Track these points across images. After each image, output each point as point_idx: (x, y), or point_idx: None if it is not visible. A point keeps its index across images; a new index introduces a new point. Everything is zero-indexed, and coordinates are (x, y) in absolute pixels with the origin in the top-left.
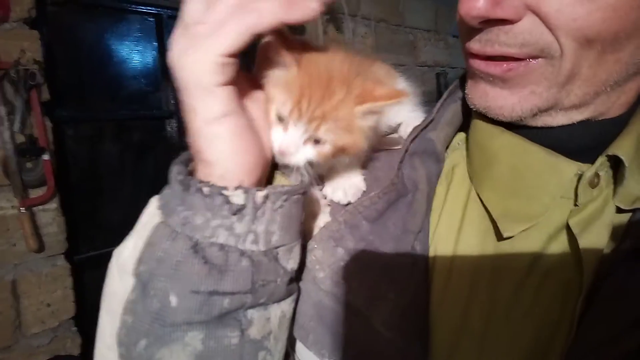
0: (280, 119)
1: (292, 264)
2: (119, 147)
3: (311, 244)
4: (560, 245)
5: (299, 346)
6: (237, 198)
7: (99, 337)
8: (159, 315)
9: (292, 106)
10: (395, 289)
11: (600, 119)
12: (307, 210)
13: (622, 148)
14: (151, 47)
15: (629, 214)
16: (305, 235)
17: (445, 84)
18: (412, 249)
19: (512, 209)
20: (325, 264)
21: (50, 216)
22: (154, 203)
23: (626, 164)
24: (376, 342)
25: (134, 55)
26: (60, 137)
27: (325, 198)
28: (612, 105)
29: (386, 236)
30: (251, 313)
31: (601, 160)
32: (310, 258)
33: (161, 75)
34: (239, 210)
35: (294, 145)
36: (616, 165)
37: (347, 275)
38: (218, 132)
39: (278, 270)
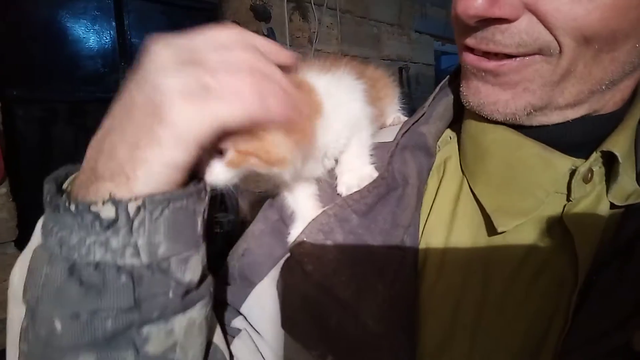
0: None
1: (189, 275)
2: (73, 129)
3: (300, 237)
4: (553, 240)
5: (286, 339)
6: (107, 212)
7: None
8: (48, 342)
9: None
10: (383, 282)
11: (594, 115)
12: None
13: (616, 144)
14: (109, 26)
15: (622, 210)
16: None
17: (407, 78)
18: (401, 242)
19: (506, 204)
20: (314, 256)
21: None
22: (39, 223)
23: (620, 160)
24: (364, 334)
25: (91, 34)
26: (9, 118)
27: (340, 195)
28: (606, 103)
29: (376, 230)
30: (147, 329)
31: (595, 156)
32: (299, 250)
33: (119, 57)
34: (111, 225)
35: (208, 163)
36: (610, 161)
37: (335, 269)
38: (165, 177)
39: (168, 282)
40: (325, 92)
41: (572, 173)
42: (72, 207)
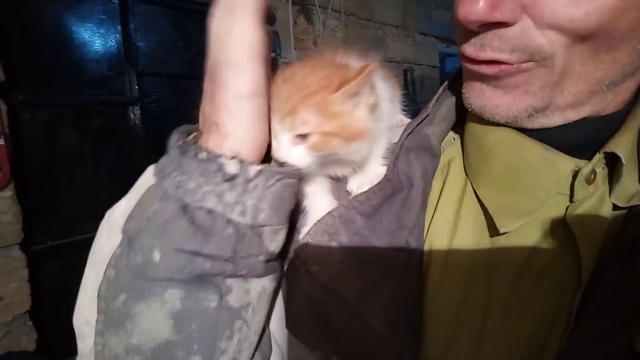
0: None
1: (274, 246)
2: (79, 133)
3: (305, 238)
4: (556, 241)
5: (290, 339)
6: (231, 167)
7: (81, 292)
8: (141, 269)
9: (272, 113)
10: (389, 283)
11: (596, 116)
12: None
13: (619, 145)
14: (115, 30)
15: (625, 211)
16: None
17: (412, 81)
18: (406, 244)
19: (509, 205)
20: (319, 257)
21: (5, 204)
22: (150, 170)
23: (623, 162)
24: (369, 336)
25: (97, 38)
26: (15, 122)
27: (349, 193)
28: (608, 104)
29: (381, 231)
30: (230, 282)
31: (598, 157)
32: (304, 252)
33: (125, 60)
34: (231, 179)
35: (284, 148)
36: (612, 162)
37: (340, 270)
38: (244, 109)
39: (261, 247)
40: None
41: (575, 174)
42: (203, 155)
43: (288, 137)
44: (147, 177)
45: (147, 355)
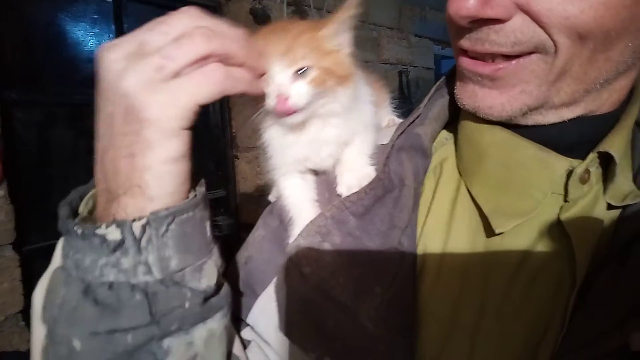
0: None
1: (205, 282)
2: (72, 133)
3: (298, 239)
4: (551, 241)
5: (283, 341)
6: (113, 234)
7: None
8: None
9: (266, 58)
10: (381, 283)
11: (590, 115)
12: None
13: (613, 145)
14: (108, 29)
15: (619, 210)
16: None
17: (407, 82)
18: (398, 244)
19: (504, 205)
20: (311, 259)
21: None
22: (59, 244)
23: (617, 161)
24: (362, 336)
25: (90, 37)
26: (8, 121)
27: (339, 197)
28: (603, 103)
29: (373, 231)
30: (168, 342)
31: (592, 156)
32: (296, 253)
33: None
34: (119, 246)
35: (285, 85)
36: (606, 161)
37: (333, 271)
38: (172, 171)
39: (184, 293)
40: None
41: (569, 174)
42: (79, 232)
43: (288, 74)
44: (57, 253)
45: None
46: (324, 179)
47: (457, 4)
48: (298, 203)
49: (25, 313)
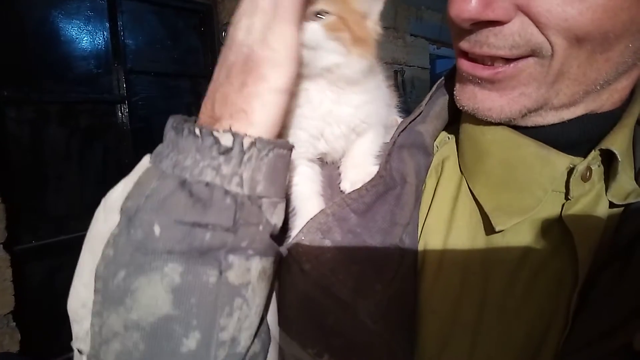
0: None
1: (275, 219)
2: (65, 131)
3: (298, 236)
4: (552, 239)
5: (283, 336)
6: (226, 140)
7: (77, 276)
8: (142, 244)
9: None
10: (381, 281)
11: (591, 114)
12: None
13: (614, 142)
14: (102, 27)
15: (622, 209)
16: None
17: (402, 82)
18: (400, 241)
19: (505, 203)
20: (312, 255)
21: None
22: (146, 158)
23: (619, 159)
24: (361, 333)
25: (84, 35)
26: (0, 119)
27: (343, 192)
28: (604, 103)
29: (374, 229)
30: (232, 258)
31: (593, 154)
32: (297, 250)
33: (113, 58)
34: (226, 152)
35: None
36: (608, 159)
37: (333, 268)
38: (276, 102)
39: (261, 216)
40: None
41: (571, 171)
42: (197, 130)
43: (308, 12)
44: (144, 164)
45: (146, 330)
46: (328, 174)
47: (458, 6)
48: (303, 193)
49: (16, 314)
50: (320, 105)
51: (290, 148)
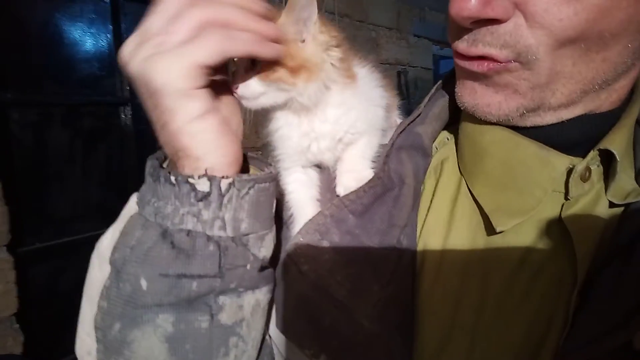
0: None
1: (264, 252)
2: (68, 133)
3: (296, 237)
4: (552, 239)
5: (280, 338)
6: (203, 185)
7: (80, 324)
8: (131, 298)
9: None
10: (379, 282)
11: (590, 114)
12: None
13: (614, 142)
14: (106, 30)
15: (621, 209)
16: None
17: (405, 83)
18: (398, 242)
19: (504, 203)
20: (310, 256)
21: None
22: (133, 198)
23: (618, 158)
24: (358, 334)
25: (87, 37)
26: (4, 121)
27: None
28: (602, 103)
29: (372, 230)
30: (222, 299)
31: (593, 154)
32: (295, 251)
33: (116, 60)
34: (204, 197)
35: (238, 80)
36: (608, 159)
37: (331, 269)
38: (202, 128)
39: (247, 256)
40: (361, 77)
41: (570, 172)
42: (173, 178)
43: (240, 70)
44: (131, 206)
45: None
46: (325, 178)
47: (458, 4)
48: (300, 200)
49: (20, 316)
50: (299, 125)
51: (273, 178)
